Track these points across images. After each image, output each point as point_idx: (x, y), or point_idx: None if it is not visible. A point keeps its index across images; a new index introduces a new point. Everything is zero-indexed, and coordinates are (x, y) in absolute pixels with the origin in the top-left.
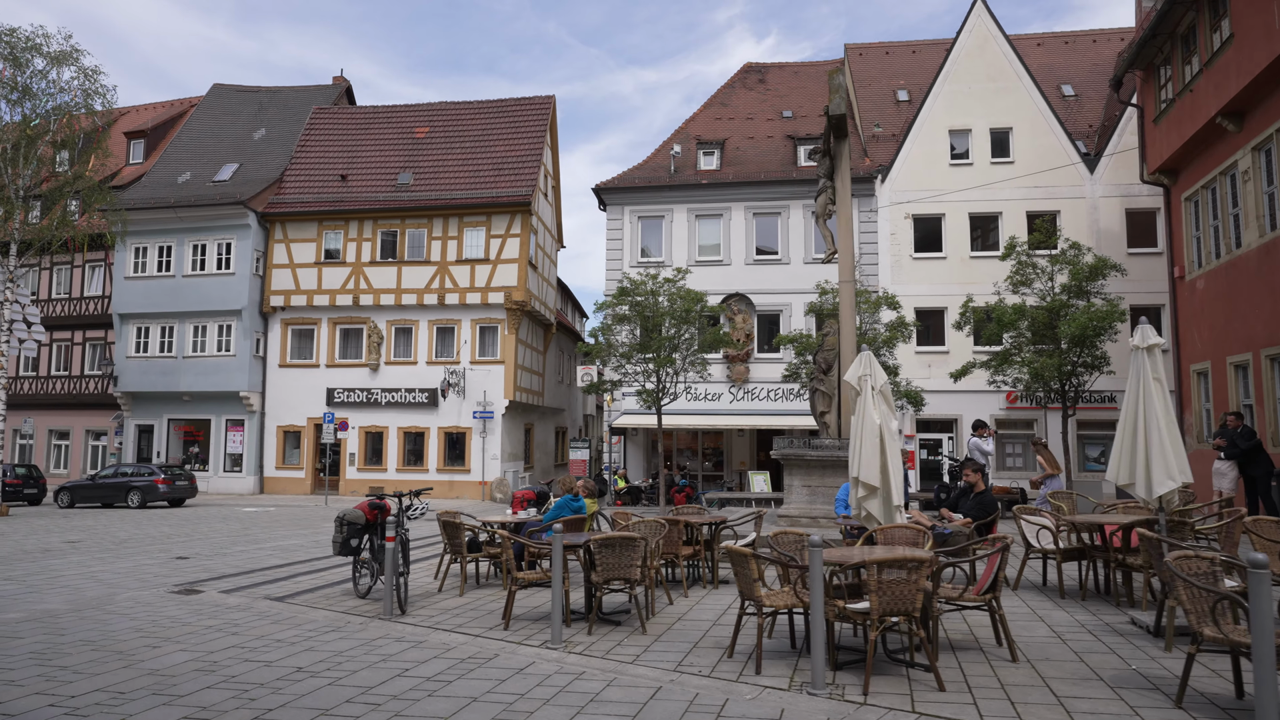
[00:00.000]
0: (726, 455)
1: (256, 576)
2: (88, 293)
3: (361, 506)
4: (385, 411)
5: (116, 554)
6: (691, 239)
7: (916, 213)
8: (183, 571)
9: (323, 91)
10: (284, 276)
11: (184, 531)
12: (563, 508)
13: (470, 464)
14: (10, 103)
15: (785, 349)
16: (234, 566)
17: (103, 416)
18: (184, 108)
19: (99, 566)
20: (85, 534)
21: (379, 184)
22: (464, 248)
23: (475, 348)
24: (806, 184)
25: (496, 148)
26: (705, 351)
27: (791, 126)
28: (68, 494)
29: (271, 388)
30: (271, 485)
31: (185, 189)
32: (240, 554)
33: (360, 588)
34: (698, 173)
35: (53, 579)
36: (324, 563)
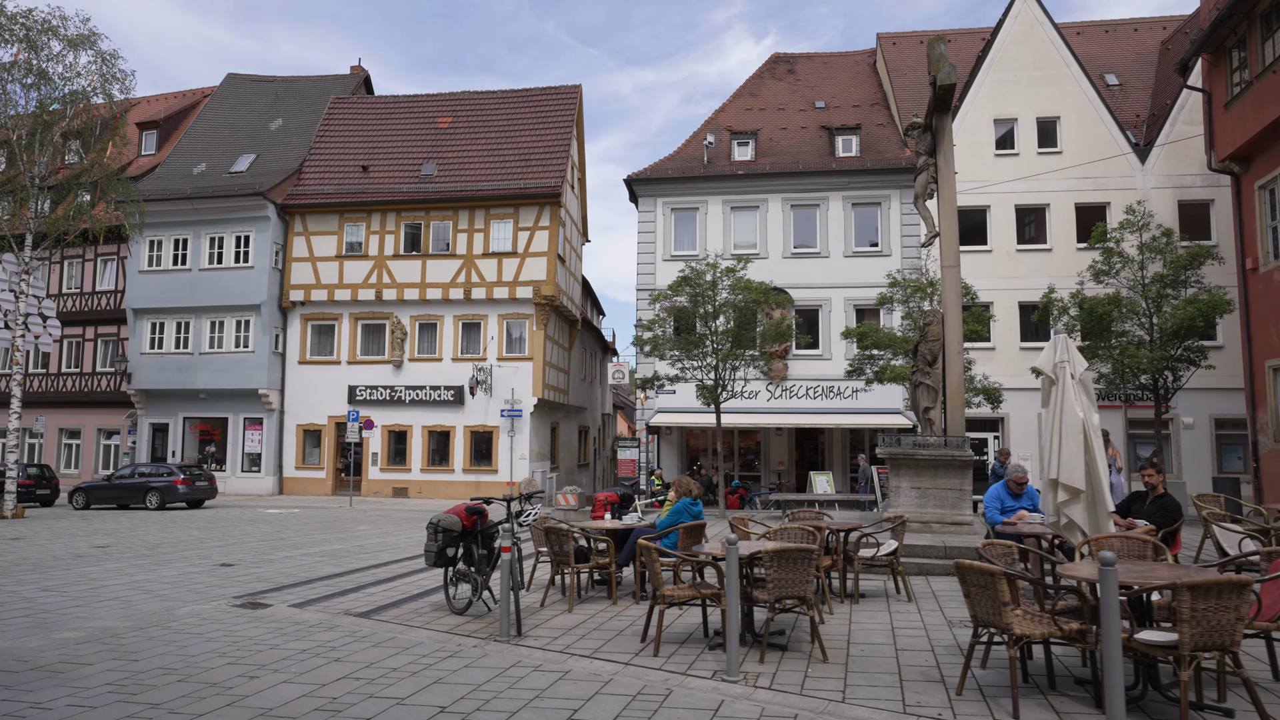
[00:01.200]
0: (764, 455)
1: (320, 587)
2: (99, 287)
3: (458, 511)
4: (409, 410)
5: (154, 560)
6: (727, 232)
7: (960, 205)
8: (235, 581)
9: (340, 81)
10: (304, 270)
11: (214, 535)
12: (681, 513)
13: (498, 464)
14: (25, 87)
15: (830, 345)
16: (287, 575)
17: (115, 415)
18: (196, 98)
19: (141, 575)
20: (112, 538)
21: (402, 175)
22: (491, 240)
23: (502, 344)
24: (845, 175)
25: (523, 138)
26: (768, 345)
27: (825, 117)
28: (83, 495)
29: (291, 385)
30: (291, 486)
31: (201, 180)
32: (287, 560)
33: (457, 603)
34: (732, 163)
35: (96, 589)
36: (384, 571)
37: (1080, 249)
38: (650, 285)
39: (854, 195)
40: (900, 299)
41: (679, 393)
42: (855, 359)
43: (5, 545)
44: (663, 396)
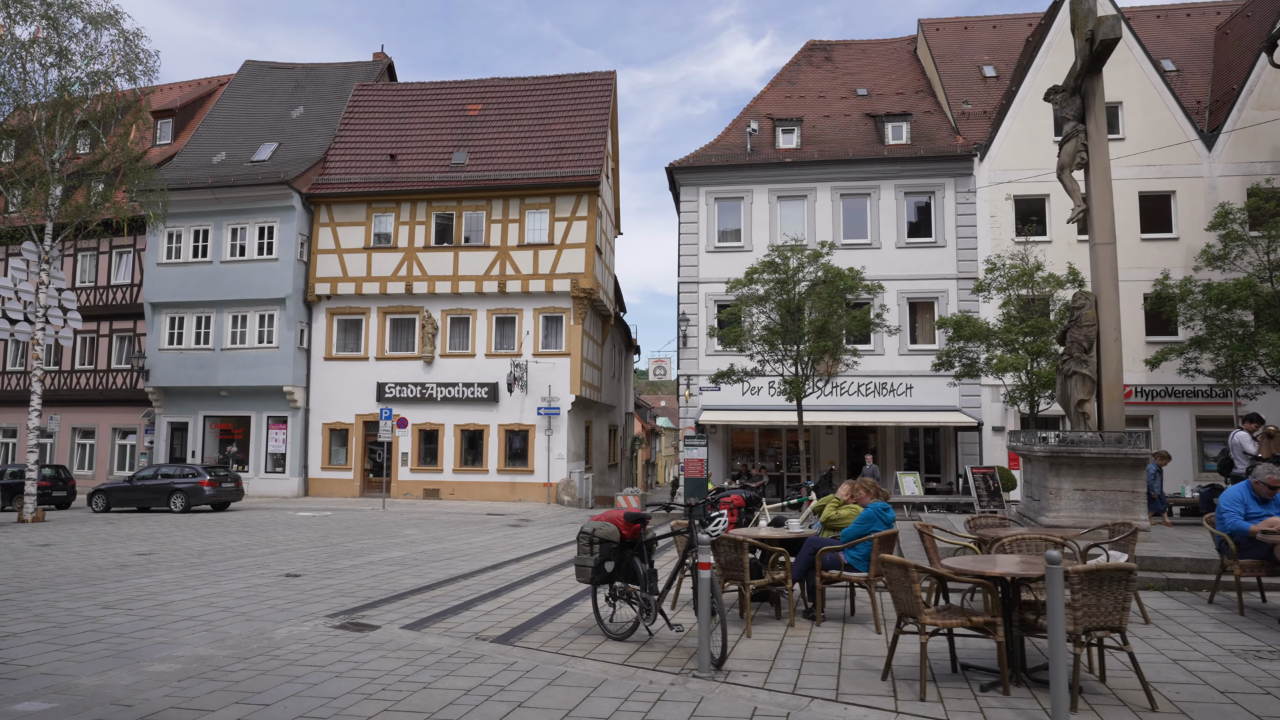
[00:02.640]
0: (814, 454)
1: (418, 604)
2: (115, 281)
3: (614, 519)
4: (441, 408)
5: (210, 570)
6: (773, 222)
7: (1018, 193)
8: (313, 595)
9: (363, 68)
10: (330, 262)
11: (257, 541)
12: (873, 519)
13: (534, 464)
14: (44, 66)
15: (882, 339)
16: (367, 587)
17: (132, 413)
18: (212, 87)
19: (205, 588)
20: (149, 544)
21: (431, 164)
22: (526, 231)
23: (538, 339)
24: (898, 163)
25: (557, 125)
26: (855, 337)
27: (868, 105)
28: (103, 497)
29: (316, 382)
30: (316, 487)
31: (221, 169)
32: (355, 570)
33: (614, 626)
34: (776, 151)
35: (164, 606)
36: (478, 583)
37: (1146, 239)
38: (694, 278)
39: (906, 184)
40: (999, 285)
41: (723, 390)
42: (945, 352)
43: (39, 553)
44: (707, 394)
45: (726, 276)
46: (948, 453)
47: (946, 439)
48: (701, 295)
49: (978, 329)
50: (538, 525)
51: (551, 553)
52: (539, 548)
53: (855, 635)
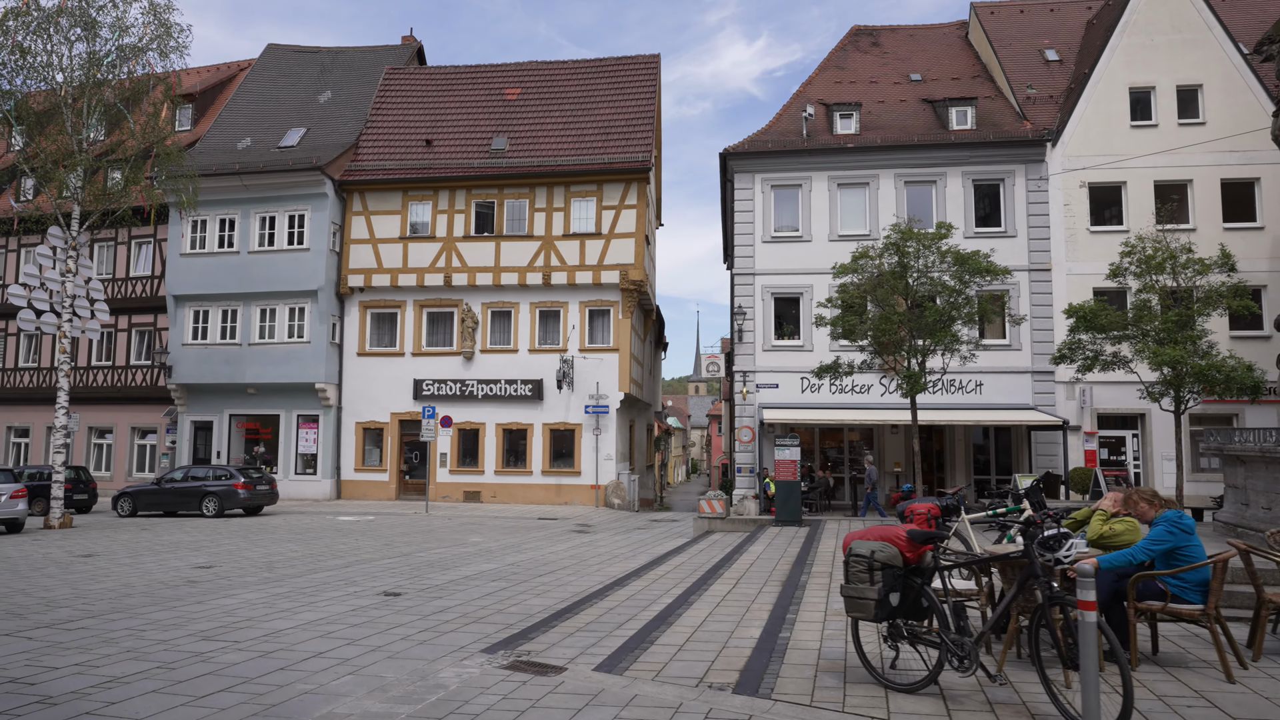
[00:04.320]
0: (878, 454)
1: (577, 633)
2: (134, 273)
3: (891, 538)
4: (481, 406)
5: (294, 588)
6: (833, 210)
7: (1093, 180)
8: (440, 620)
9: (391, 52)
10: (364, 253)
11: (320, 549)
12: (1183, 534)
13: (580, 465)
14: (68, 41)
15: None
16: (493, 609)
17: (152, 412)
18: (232, 71)
19: (306, 612)
20: (201, 553)
21: (470, 149)
22: (571, 220)
23: (584, 334)
24: (965, 148)
25: (601, 110)
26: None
27: (923, 90)
28: (129, 500)
29: (349, 379)
30: (349, 489)
31: (247, 156)
32: (457, 587)
33: (897, 675)
34: (836, 137)
35: (274, 637)
36: (617, 604)
37: (1229, 228)
38: (749, 269)
39: (974, 171)
40: (1136, 272)
41: (781, 386)
42: (1068, 344)
43: (86, 567)
44: (764, 391)
45: (784, 267)
46: (1020, 453)
47: (1019, 439)
48: (758, 287)
49: (1113, 319)
50: (605, 531)
51: (663, 565)
52: (641, 558)
53: (1203, 685)
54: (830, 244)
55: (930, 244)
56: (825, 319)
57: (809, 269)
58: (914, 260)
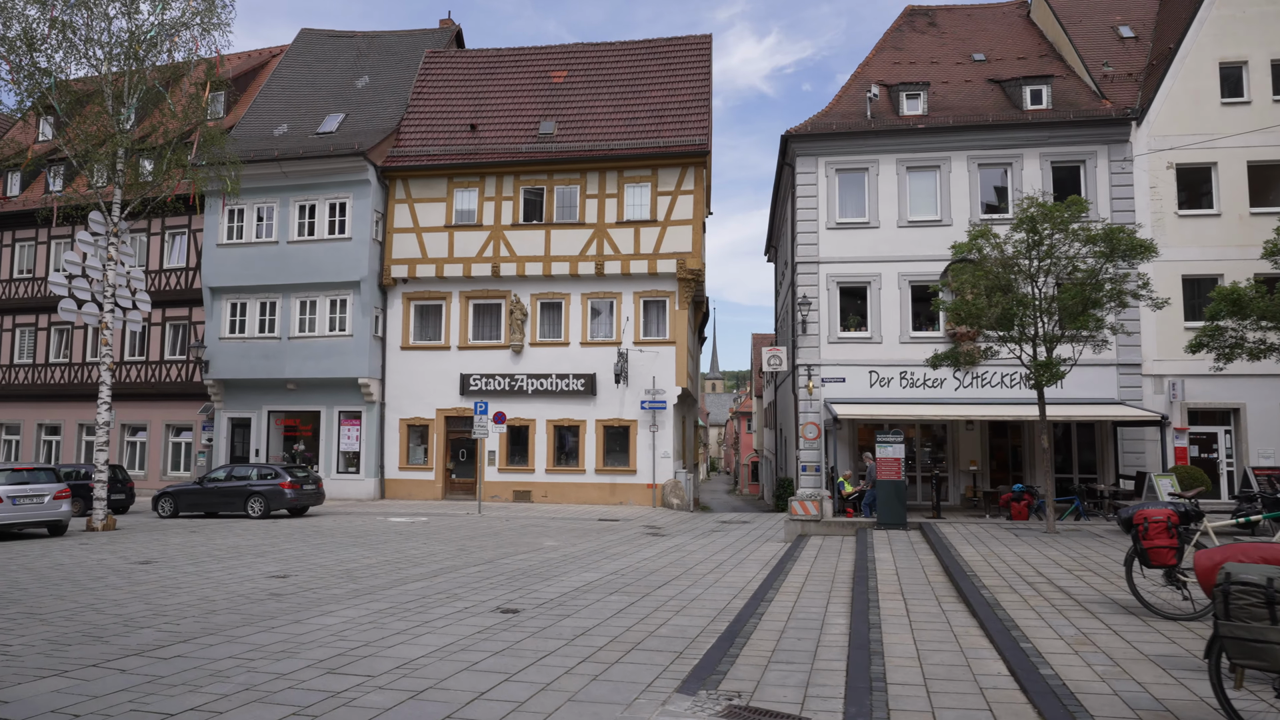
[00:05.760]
0: (951, 452)
1: (777, 669)
2: (169, 264)
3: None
4: (531, 401)
5: (395, 604)
6: (901, 195)
7: (1181, 162)
8: (584, 646)
9: (429, 36)
10: (407, 242)
11: (394, 556)
12: None
13: (636, 463)
14: (108, 18)
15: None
16: (644, 632)
17: (187, 408)
18: (265, 58)
19: (429, 635)
20: (267, 560)
21: (517, 134)
22: (625, 207)
23: (639, 326)
24: (1042, 129)
25: (653, 93)
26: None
27: (989, 70)
28: (170, 500)
29: (392, 374)
30: (394, 489)
31: (285, 142)
32: (578, 603)
33: None
34: (903, 118)
35: (412, 671)
36: (792, 629)
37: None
38: (813, 257)
39: (1052, 153)
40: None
41: (848, 381)
42: (1207, 330)
43: (150, 576)
44: (830, 386)
45: (849, 255)
46: (1105, 450)
47: (1103, 436)
48: (822, 276)
49: (1263, 306)
50: (679, 534)
51: (788, 575)
52: (751, 566)
53: None
54: (899, 230)
55: (1064, 221)
56: (945, 303)
57: (876, 257)
58: (1048, 238)
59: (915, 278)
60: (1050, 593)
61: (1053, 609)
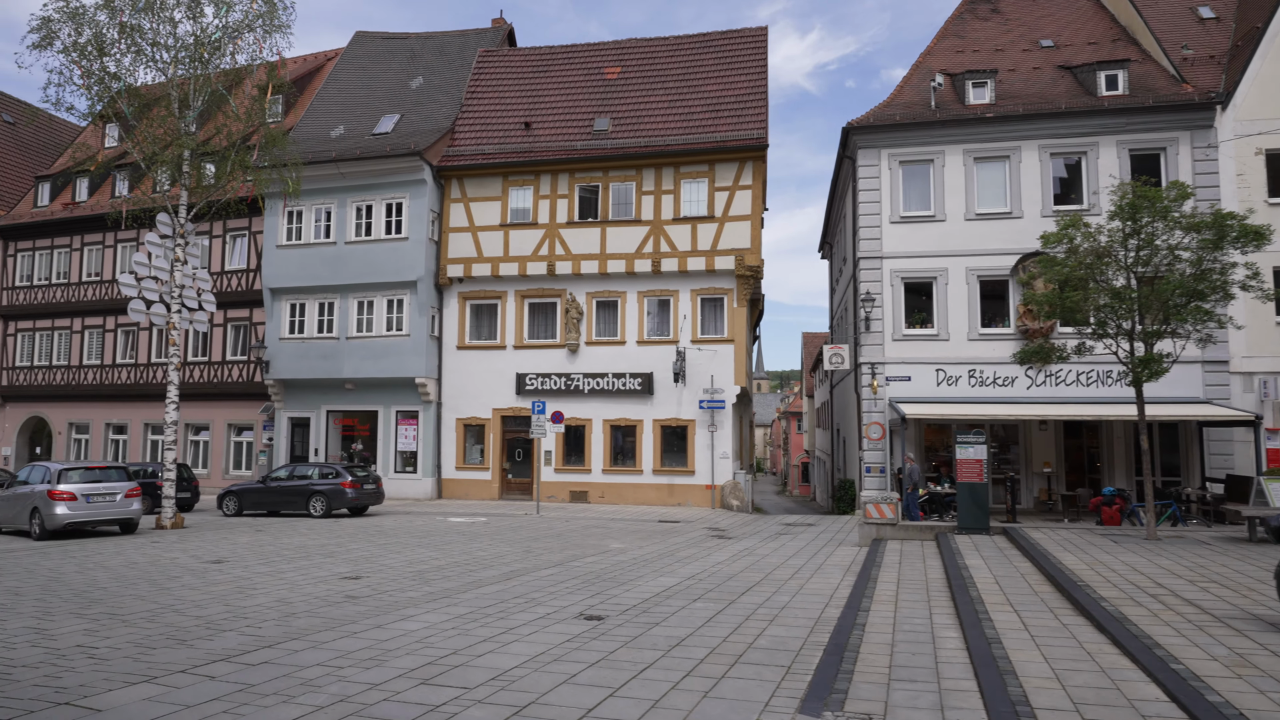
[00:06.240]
0: (1023, 453)
1: (892, 680)
2: (230, 266)
3: None
4: (588, 401)
5: (474, 609)
6: (969, 187)
7: (1271, 147)
8: (683, 659)
9: (482, 35)
10: (463, 242)
11: (461, 557)
12: None
13: (694, 464)
14: (173, 22)
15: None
16: (735, 643)
17: (248, 408)
18: (320, 61)
19: (518, 644)
20: (337, 560)
21: (571, 131)
22: (681, 204)
23: (696, 324)
24: (1119, 116)
25: (708, 86)
26: (1029, 320)
27: (1058, 56)
28: (234, 499)
29: (448, 373)
30: (450, 488)
31: (342, 144)
32: (664, 610)
33: None
34: (969, 108)
35: (508, 683)
36: (902, 644)
37: None
38: (876, 252)
39: (1130, 140)
40: None
41: (914, 379)
42: None
43: (223, 576)
44: (894, 385)
45: (915, 250)
46: (1190, 452)
47: (1188, 436)
48: (886, 272)
49: None
50: (746, 536)
51: (878, 582)
52: (834, 572)
53: None
54: (966, 224)
55: (1167, 207)
56: (1034, 296)
57: (943, 251)
58: (1147, 225)
59: (984, 272)
60: (1179, 606)
61: (1190, 625)
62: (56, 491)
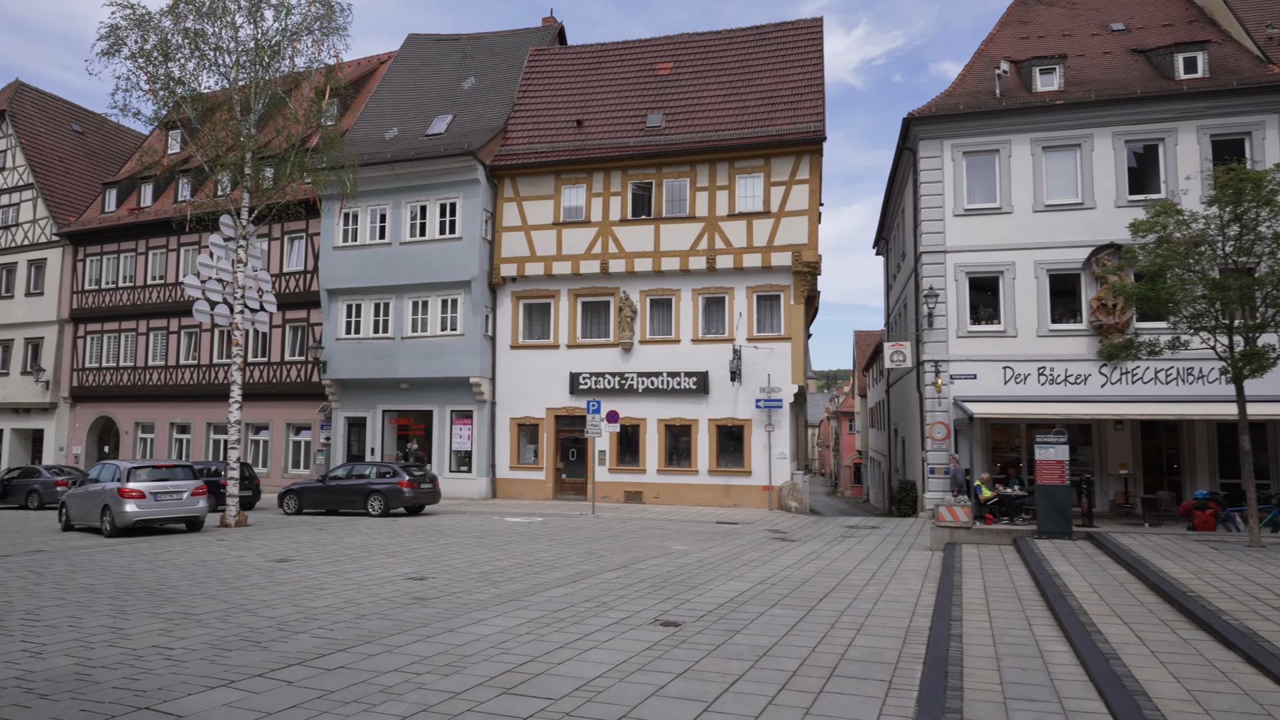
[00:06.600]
0: (1097, 454)
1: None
2: (287, 268)
3: None
4: (642, 400)
5: (546, 612)
6: (1037, 177)
7: None
8: (775, 672)
9: (532, 35)
10: (516, 241)
11: (522, 558)
12: None
13: (751, 465)
14: (234, 27)
15: None
16: (826, 653)
17: (306, 408)
18: (373, 65)
19: (596, 651)
20: (400, 560)
21: (624, 128)
22: (736, 199)
23: (752, 322)
24: (1200, 100)
25: (762, 80)
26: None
27: (1131, 39)
28: (294, 498)
29: (502, 373)
30: (505, 488)
31: (396, 145)
32: (741, 617)
33: None
34: (1037, 95)
35: (595, 694)
36: (1008, 660)
37: None
38: (939, 246)
39: (1211, 125)
40: None
41: (979, 377)
42: None
43: (288, 574)
44: (959, 383)
45: (980, 244)
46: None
47: (1277, 437)
48: (950, 266)
49: None
50: (809, 539)
51: (964, 590)
52: (911, 579)
53: None
54: (1034, 215)
55: (1269, 193)
56: (1123, 288)
57: (1009, 244)
58: (1251, 210)
59: (1053, 266)
60: None
61: None
62: (126, 489)
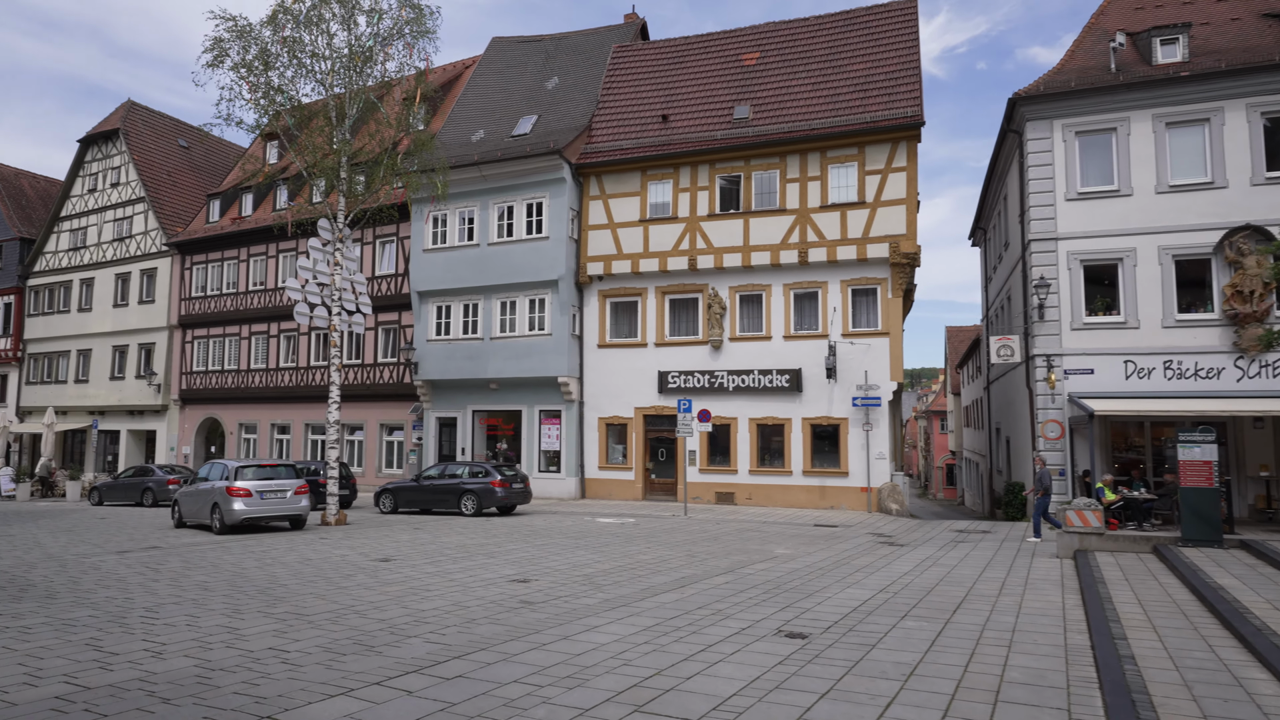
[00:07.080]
0: (1234, 455)
1: None
2: (379, 271)
3: None
4: (732, 399)
5: (656, 617)
6: (1160, 156)
7: None
8: (928, 694)
9: (615, 32)
10: (602, 239)
11: (621, 560)
12: None
13: (847, 465)
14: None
15: None
16: (977, 673)
17: (399, 409)
18: (458, 70)
19: (724, 664)
20: (500, 561)
21: (710, 121)
22: (829, 190)
23: (846, 317)
24: None
25: (854, 65)
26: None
27: (1262, 3)
28: (390, 497)
29: (590, 372)
30: (594, 488)
31: (483, 147)
32: (870, 628)
33: None
34: (1157, 68)
35: (736, 717)
36: (1200, 688)
37: None
38: (1049, 233)
39: None
40: None
41: (1096, 372)
42: None
43: (391, 574)
44: (1073, 379)
45: (1095, 229)
46: None
47: None
48: (1062, 254)
49: None
50: (916, 544)
51: (1118, 604)
52: (1049, 590)
53: None
54: (1158, 197)
55: None
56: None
57: (1129, 229)
58: None
59: (1179, 251)
60: None
61: None
62: (234, 488)
